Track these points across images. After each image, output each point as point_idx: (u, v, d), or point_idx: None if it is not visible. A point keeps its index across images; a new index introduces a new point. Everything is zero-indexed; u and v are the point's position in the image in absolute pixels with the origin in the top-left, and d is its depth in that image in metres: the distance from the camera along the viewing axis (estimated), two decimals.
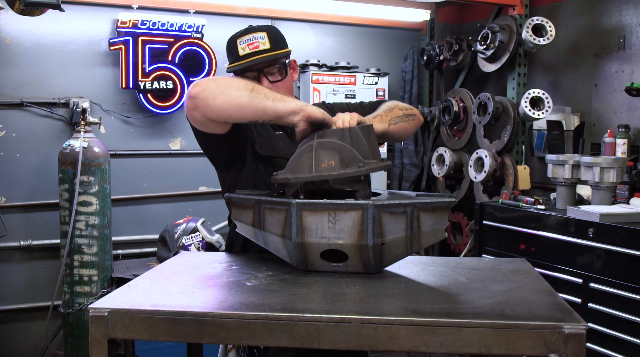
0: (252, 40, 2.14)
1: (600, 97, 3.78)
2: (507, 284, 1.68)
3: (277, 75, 2.18)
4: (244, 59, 2.13)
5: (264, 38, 2.14)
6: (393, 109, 2.13)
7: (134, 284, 1.67)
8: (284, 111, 1.82)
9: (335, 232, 1.68)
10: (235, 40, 2.16)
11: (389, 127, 2.07)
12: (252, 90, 1.83)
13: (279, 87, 2.15)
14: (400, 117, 2.12)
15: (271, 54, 2.13)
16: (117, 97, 4.03)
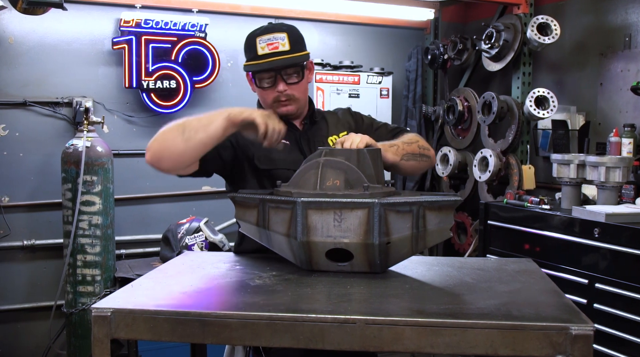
0: (272, 40, 2.11)
1: (605, 96, 3.76)
2: (513, 285, 1.67)
3: (293, 77, 2.15)
4: (262, 58, 2.10)
5: (285, 39, 2.11)
6: (411, 144, 2.13)
7: (137, 284, 1.66)
8: (217, 131, 1.89)
9: (341, 231, 1.67)
10: (255, 38, 2.12)
11: (400, 161, 2.07)
12: (182, 132, 1.90)
13: (295, 88, 2.15)
14: (415, 155, 2.12)
15: (290, 56, 2.11)
16: (120, 96, 4.02)
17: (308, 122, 2.27)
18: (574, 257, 3.04)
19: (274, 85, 2.12)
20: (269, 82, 2.12)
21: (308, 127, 2.27)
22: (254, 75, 2.14)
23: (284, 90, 2.12)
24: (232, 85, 4.34)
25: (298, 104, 2.18)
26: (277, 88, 2.12)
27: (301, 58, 2.15)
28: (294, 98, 2.15)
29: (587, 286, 2.95)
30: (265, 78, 2.12)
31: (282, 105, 2.15)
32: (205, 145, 1.92)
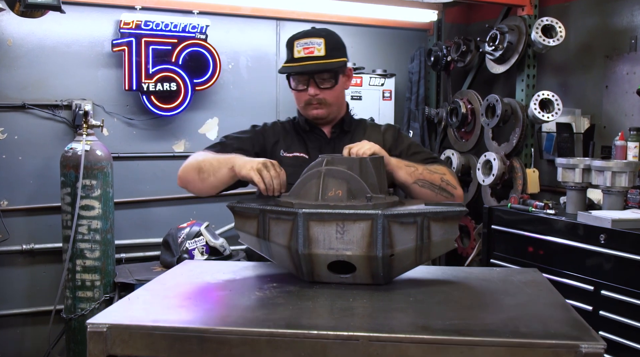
0: (309, 45, 2.16)
1: (611, 99, 3.72)
2: (520, 297, 1.62)
3: (327, 83, 2.18)
4: (296, 61, 2.16)
5: (321, 44, 2.15)
6: (434, 173, 2.09)
7: (134, 297, 1.62)
8: (224, 178, 2.01)
9: (343, 243, 1.63)
10: (294, 41, 2.18)
11: (412, 184, 2.04)
12: (199, 172, 2.06)
13: (327, 94, 2.18)
14: (433, 185, 2.07)
15: (324, 61, 2.15)
16: (120, 99, 3.98)
17: (337, 131, 2.28)
18: (579, 263, 3.00)
19: (307, 89, 2.17)
20: (303, 85, 2.18)
21: (336, 136, 2.28)
22: (289, 77, 2.21)
23: (315, 95, 2.17)
24: (233, 87, 4.30)
25: (329, 109, 2.21)
26: (309, 91, 2.16)
27: (334, 64, 2.17)
28: (325, 102, 2.19)
29: (593, 293, 2.91)
30: (299, 81, 2.18)
31: (313, 108, 2.20)
32: (217, 187, 2.07)
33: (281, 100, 4.44)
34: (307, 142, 2.27)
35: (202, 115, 4.21)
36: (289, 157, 2.22)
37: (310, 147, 2.25)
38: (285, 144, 2.26)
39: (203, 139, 4.22)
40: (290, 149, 2.24)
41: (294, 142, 2.26)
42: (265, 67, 4.41)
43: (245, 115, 4.33)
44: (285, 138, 2.28)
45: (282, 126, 2.32)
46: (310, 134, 2.28)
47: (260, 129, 2.31)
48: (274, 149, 2.25)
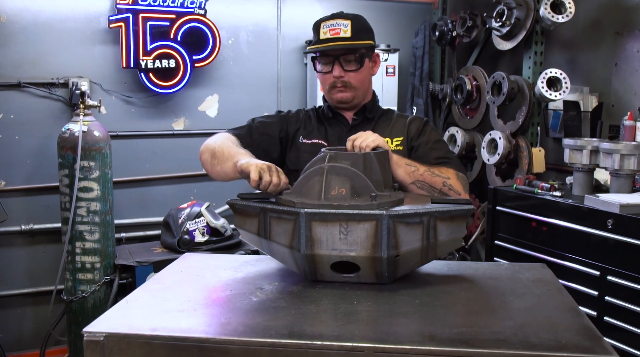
0: (335, 26, 2.14)
1: (620, 77, 3.63)
2: (529, 299, 1.57)
3: (352, 65, 2.16)
4: (322, 42, 2.14)
5: (347, 26, 2.13)
6: (436, 176, 2.02)
7: (132, 299, 1.57)
8: (229, 171, 1.96)
9: (347, 244, 1.58)
10: (320, 23, 2.16)
11: (409, 184, 1.98)
12: (211, 157, 2.05)
13: (352, 77, 2.17)
14: (433, 188, 2.01)
15: (349, 42, 2.12)
16: (117, 76, 3.90)
17: (360, 118, 2.24)
18: (585, 248, 2.95)
19: (331, 71, 2.15)
20: (327, 67, 2.16)
21: (358, 123, 2.24)
22: (315, 59, 2.19)
23: (340, 77, 2.15)
24: (234, 63, 4.21)
25: (355, 93, 2.19)
26: (334, 73, 2.15)
27: (359, 46, 2.15)
28: (350, 85, 2.17)
29: (599, 278, 2.86)
30: (324, 62, 2.17)
31: (338, 91, 2.19)
32: (223, 177, 2.05)
33: (282, 76, 4.35)
34: (327, 129, 2.24)
35: (201, 93, 4.13)
36: (308, 144, 2.21)
37: (330, 134, 2.22)
38: (306, 131, 2.24)
39: (203, 116, 4.15)
40: (310, 135, 2.23)
41: (314, 129, 2.25)
42: (266, 43, 4.31)
43: (246, 92, 4.25)
44: (307, 125, 2.26)
45: (306, 113, 2.31)
46: (332, 120, 2.26)
47: (284, 115, 2.29)
48: (295, 135, 2.24)
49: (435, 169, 2.04)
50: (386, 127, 2.22)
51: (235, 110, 4.22)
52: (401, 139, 2.19)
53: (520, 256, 3.31)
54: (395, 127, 2.23)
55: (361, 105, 2.24)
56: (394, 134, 2.20)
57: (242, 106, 4.24)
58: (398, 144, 2.18)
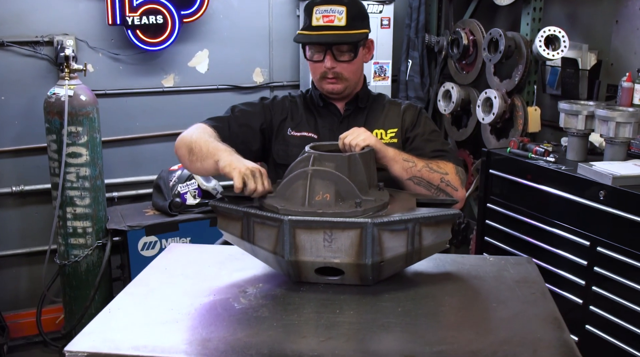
0: (329, 12, 2.00)
1: (620, 35, 3.52)
2: (512, 307, 1.57)
3: (345, 55, 2.05)
4: (314, 30, 2.01)
5: (342, 13, 1.99)
6: (434, 172, 1.94)
7: (115, 308, 1.58)
8: (209, 168, 1.86)
9: (331, 251, 1.57)
10: (312, 7, 2.02)
11: (405, 180, 1.90)
12: (189, 153, 1.92)
13: (344, 68, 2.06)
14: (430, 184, 1.94)
15: (343, 32, 2.00)
16: (104, 33, 3.78)
17: (351, 108, 2.16)
18: (576, 217, 2.94)
19: (323, 60, 2.04)
20: (319, 56, 2.05)
21: (350, 113, 2.16)
22: (304, 45, 2.07)
23: (332, 68, 2.04)
24: (223, 17, 4.07)
25: (346, 84, 2.10)
26: (325, 64, 2.04)
27: (356, 36, 2.02)
28: (342, 77, 2.07)
29: (589, 248, 2.87)
30: (315, 51, 2.05)
31: (328, 83, 2.08)
32: (203, 174, 2.00)
33: (274, 29, 4.23)
34: (317, 119, 2.15)
35: (191, 48, 4.02)
36: (297, 137, 2.11)
37: (321, 125, 2.13)
38: (294, 122, 2.14)
39: (193, 72, 4.06)
40: (298, 127, 2.13)
41: (303, 119, 2.15)
42: None
43: (236, 47, 4.14)
44: (294, 115, 2.15)
45: (292, 102, 2.19)
46: (323, 110, 2.16)
47: (268, 104, 2.17)
48: (282, 126, 2.13)
49: (434, 164, 1.97)
50: (379, 117, 2.15)
51: (226, 65, 4.12)
52: (395, 131, 2.12)
53: (511, 220, 3.31)
54: (389, 116, 2.15)
55: (353, 94, 2.16)
56: (387, 125, 2.13)
57: (233, 61, 4.14)
58: (392, 136, 2.11)
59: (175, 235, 3.49)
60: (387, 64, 4.33)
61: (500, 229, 3.40)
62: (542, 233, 3.13)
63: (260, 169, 1.70)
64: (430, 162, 1.97)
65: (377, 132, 2.11)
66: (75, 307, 3.45)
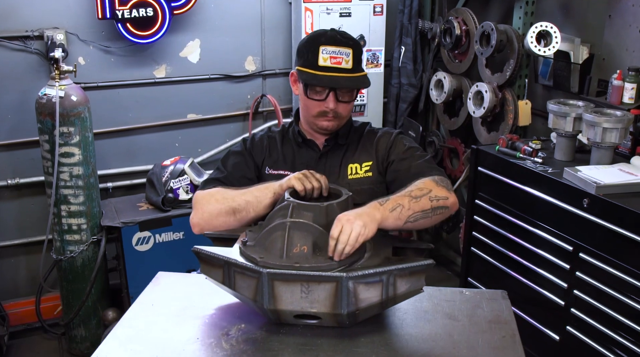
0: (337, 54, 2.02)
1: (613, 30, 3.50)
2: (481, 355, 1.63)
3: (347, 97, 2.09)
4: (322, 70, 2.02)
5: (349, 56, 2.02)
6: (420, 199, 1.86)
7: (102, 354, 1.64)
8: (267, 208, 1.91)
9: (308, 302, 1.63)
10: (319, 46, 2.02)
11: (404, 225, 1.84)
12: (234, 214, 1.95)
13: (343, 108, 2.09)
14: (425, 212, 1.87)
15: (352, 75, 2.04)
16: (94, 25, 3.75)
17: (330, 144, 2.18)
18: (561, 222, 3.00)
19: (325, 100, 2.05)
20: (321, 95, 2.06)
21: (329, 149, 2.19)
22: (307, 87, 2.06)
23: (334, 108, 2.07)
24: (215, 6, 4.04)
25: (341, 121, 2.14)
26: (327, 104, 2.06)
27: (364, 80, 2.06)
28: (340, 116, 2.11)
29: (572, 253, 2.93)
30: (319, 91, 2.06)
31: (326, 120, 2.11)
32: (258, 219, 1.94)
33: (266, 16, 4.20)
34: (295, 156, 2.18)
35: (182, 38, 4.01)
36: (274, 175, 2.13)
37: (299, 163, 2.15)
38: (271, 160, 2.17)
39: (185, 62, 4.05)
40: (275, 165, 2.16)
41: (279, 157, 2.18)
42: None
43: (228, 35, 4.12)
44: (272, 153, 2.19)
45: (270, 139, 2.22)
46: (302, 145, 2.19)
47: (250, 147, 2.20)
48: (262, 167, 2.18)
49: (415, 190, 1.90)
50: (354, 151, 2.17)
51: (218, 54, 4.12)
52: (370, 164, 2.14)
53: (498, 218, 3.36)
54: (364, 149, 2.17)
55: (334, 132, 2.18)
56: (362, 159, 2.15)
57: (225, 49, 4.13)
58: (367, 169, 2.13)
59: (168, 230, 3.56)
60: (380, 51, 4.31)
61: (487, 225, 3.46)
62: (527, 234, 3.19)
63: (306, 171, 1.90)
64: (412, 191, 1.91)
65: (351, 166, 2.14)
66: (73, 300, 3.55)
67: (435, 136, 4.55)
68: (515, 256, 3.27)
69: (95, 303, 3.61)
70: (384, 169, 2.15)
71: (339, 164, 2.16)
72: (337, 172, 2.14)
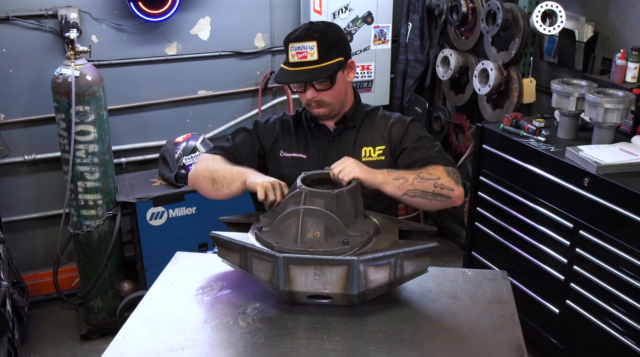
0: (301, 49, 2.13)
1: (617, 9, 3.54)
2: (482, 334, 1.75)
3: (323, 85, 2.19)
4: (291, 66, 2.16)
5: (313, 48, 2.12)
6: (426, 181, 2.04)
7: (127, 333, 1.76)
8: (237, 191, 2.10)
9: (322, 284, 1.75)
10: (288, 44, 2.17)
11: (402, 196, 2.04)
12: (212, 183, 2.15)
13: (325, 95, 2.20)
14: (426, 193, 2.04)
15: (316, 66, 2.12)
16: (107, 4, 3.81)
17: (341, 127, 2.30)
18: (562, 200, 3.09)
19: (305, 91, 2.20)
20: (300, 87, 2.21)
21: (339, 132, 2.30)
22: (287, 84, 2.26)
23: (313, 98, 2.19)
24: None
25: (330, 107, 2.24)
26: (307, 95, 2.20)
27: (328, 68, 2.14)
28: (324, 103, 2.22)
29: (572, 230, 3.03)
30: (297, 84, 2.21)
31: (313, 108, 2.25)
32: (229, 197, 2.14)
33: None
34: (309, 139, 2.30)
35: (193, 16, 4.06)
36: (288, 158, 2.28)
37: (311, 146, 2.28)
38: (285, 143, 2.30)
39: (196, 40, 4.11)
40: (289, 148, 2.29)
41: (293, 141, 2.30)
42: None
43: (238, 12, 4.17)
44: (284, 137, 2.32)
45: (283, 124, 2.34)
46: (315, 129, 2.30)
47: (261, 128, 2.35)
48: (274, 148, 2.31)
49: (424, 173, 2.06)
50: (368, 134, 2.27)
51: (228, 31, 4.17)
52: (383, 148, 2.24)
53: (501, 195, 3.46)
54: (377, 133, 2.27)
55: (341, 114, 2.28)
56: (375, 142, 2.25)
57: (234, 27, 4.19)
58: (380, 153, 2.24)
59: (181, 205, 3.67)
60: (387, 27, 4.36)
61: (491, 202, 3.55)
62: (529, 210, 3.29)
63: (279, 182, 1.97)
64: (421, 171, 2.07)
65: (365, 149, 2.24)
66: (89, 272, 3.69)
67: (441, 112, 4.62)
68: (517, 232, 3.38)
69: (112, 275, 3.74)
70: (396, 154, 2.25)
71: (352, 146, 2.27)
72: (351, 154, 2.21)
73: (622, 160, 2.94)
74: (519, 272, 3.39)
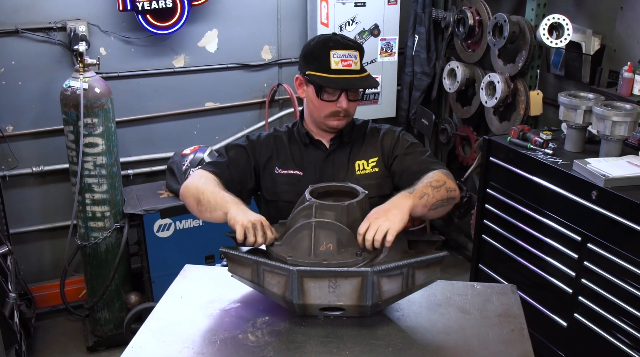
0: (347, 57, 2.14)
1: (624, 22, 3.55)
2: (491, 347, 1.74)
3: (356, 95, 2.22)
4: (335, 73, 2.13)
5: (357, 57, 2.16)
6: (439, 189, 2.03)
7: (137, 346, 1.76)
8: (219, 220, 2.01)
9: (335, 296, 1.76)
10: (329, 51, 2.13)
11: (427, 213, 2.01)
12: (198, 204, 2.08)
13: (352, 106, 2.22)
14: (443, 201, 2.03)
15: (361, 76, 2.16)
16: (115, 16, 3.84)
17: (336, 142, 2.30)
18: (570, 213, 3.08)
19: (337, 100, 2.17)
20: (333, 96, 2.17)
21: (335, 147, 2.30)
22: (321, 89, 2.17)
23: (347, 107, 2.19)
24: None
25: (349, 120, 2.27)
26: (340, 104, 2.17)
27: (373, 80, 2.19)
28: (349, 114, 2.24)
29: (580, 244, 3.02)
30: (332, 92, 2.17)
31: (337, 119, 2.22)
32: (212, 221, 2.08)
33: (282, 6, 4.27)
34: (304, 155, 2.28)
35: (200, 28, 4.09)
36: (284, 175, 2.25)
37: (306, 162, 2.26)
38: (280, 160, 2.27)
39: (203, 52, 4.14)
40: (285, 165, 2.26)
41: (288, 157, 2.28)
42: None
43: (245, 25, 4.20)
44: (280, 152, 2.29)
45: (276, 140, 2.31)
46: (309, 145, 2.29)
47: (255, 143, 2.30)
48: (268, 165, 2.27)
49: (433, 181, 2.04)
50: (360, 148, 2.28)
51: (235, 43, 4.20)
52: (376, 160, 2.26)
53: (508, 207, 3.45)
54: (369, 146, 2.28)
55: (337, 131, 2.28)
56: (368, 155, 2.26)
57: (242, 39, 4.21)
58: (374, 165, 2.25)
59: (188, 217, 3.68)
60: (394, 40, 4.38)
61: (498, 214, 3.55)
62: (537, 223, 3.28)
63: (262, 221, 1.86)
64: (430, 181, 2.06)
65: (358, 163, 2.25)
66: (97, 284, 3.69)
67: (447, 124, 4.63)
68: (525, 245, 3.37)
69: (119, 287, 3.75)
70: (389, 163, 2.27)
71: (347, 161, 2.27)
72: (345, 169, 2.25)
73: (630, 173, 2.93)
74: (526, 285, 3.38)
